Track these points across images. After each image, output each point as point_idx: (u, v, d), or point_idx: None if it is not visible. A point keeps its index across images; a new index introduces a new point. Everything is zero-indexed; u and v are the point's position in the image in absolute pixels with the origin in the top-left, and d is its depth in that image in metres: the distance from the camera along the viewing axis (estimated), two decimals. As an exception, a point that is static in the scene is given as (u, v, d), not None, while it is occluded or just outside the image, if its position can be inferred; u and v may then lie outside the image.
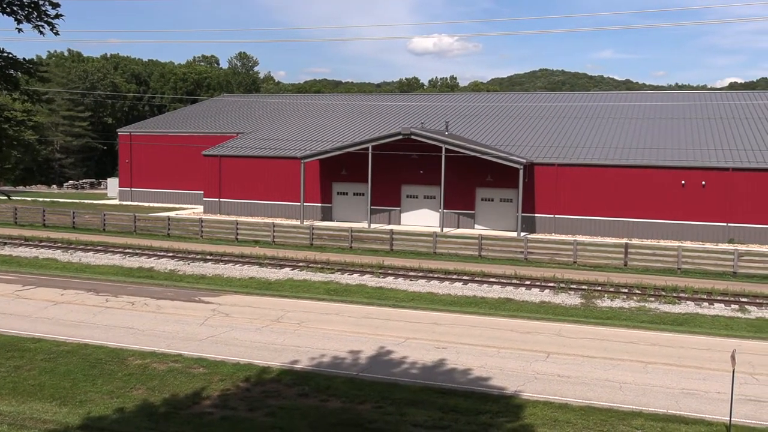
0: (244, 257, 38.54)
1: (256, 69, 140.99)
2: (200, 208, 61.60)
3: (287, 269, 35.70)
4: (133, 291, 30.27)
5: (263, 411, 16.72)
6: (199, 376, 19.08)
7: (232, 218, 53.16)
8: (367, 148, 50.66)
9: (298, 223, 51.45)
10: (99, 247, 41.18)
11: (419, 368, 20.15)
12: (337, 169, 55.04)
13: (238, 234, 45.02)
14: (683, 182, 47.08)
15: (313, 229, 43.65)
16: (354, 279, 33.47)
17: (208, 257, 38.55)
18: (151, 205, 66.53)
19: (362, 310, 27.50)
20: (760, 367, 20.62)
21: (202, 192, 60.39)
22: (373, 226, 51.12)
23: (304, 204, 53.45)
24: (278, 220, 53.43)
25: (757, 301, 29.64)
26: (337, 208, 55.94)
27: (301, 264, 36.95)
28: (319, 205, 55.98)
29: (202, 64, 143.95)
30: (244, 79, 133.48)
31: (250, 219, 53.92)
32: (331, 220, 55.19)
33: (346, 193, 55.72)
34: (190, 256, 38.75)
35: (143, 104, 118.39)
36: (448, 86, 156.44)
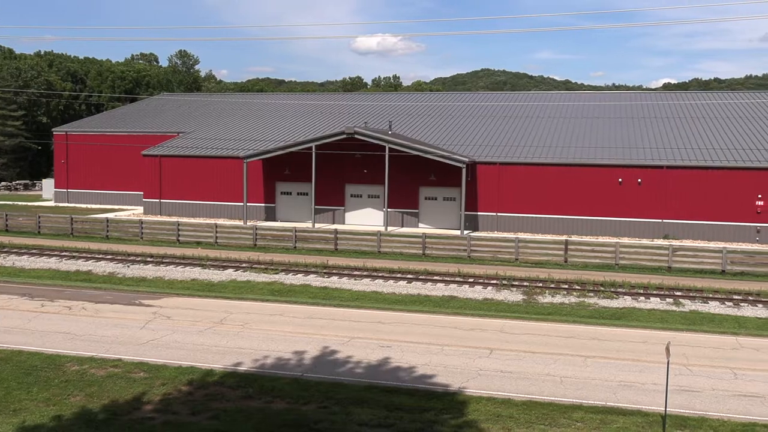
0: (186, 259, 37.94)
1: (197, 67, 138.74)
2: (140, 210, 60.36)
3: (230, 270, 35.30)
4: (70, 295, 29.48)
5: (206, 414, 16.50)
6: (139, 381, 18.71)
7: (174, 219, 52.27)
8: (310, 148, 50.46)
9: (241, 223, 50.90)
10: (34, 251, 39.97)
11: (364, 367, 20.18)
12: (281, 169, 54.65)
13: (179, 235, 44.28)
14: (620, 180, 48.30)
15: (256, 229, 43.25)
16: (298, 279, 33.30)
17: (149, 259, 37.82)
18: (89, 206, 64.88)
19: (307, 310, 27.39)
20: (694, 358, 21.31)
21: (142, 193, 59.18)
22: (317, 225, 50.95)
23: (248, 204, 52.90)
24: (221, 221, 52.78)
25: (691, 294, 30.62)
26: (280, 208, 55.55)
27: (244, 265, 36.58)
28: (263, 205, 55.49)
29: (141, 62, 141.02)
30: (184, 77, 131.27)
31: (192, 220, 53.11)
32: (275, 221, 54.78)
33: (290, 193, 55.38)
34: (129, 259, 37.96)
35: (80, 103, 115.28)
36: (391, 86, 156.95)
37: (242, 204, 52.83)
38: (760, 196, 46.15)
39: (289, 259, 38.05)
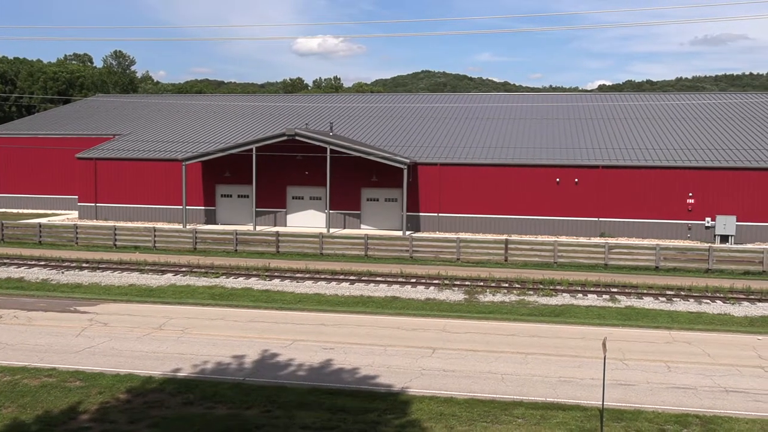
0: (123, 264, 37.08)
1: (133, 68, 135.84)
2: (75, 214, 58.72)
3: (169, 275, 34.65)
4: (1, 303, 28.47)
5: (146, 422, 16.15)
6: (75, 390, 18.19)
7: (110, 223, 51.03)
8: (251, 150, 49.94)
9: (180, 227, 50.02)
10: (-38, 258, 38.47)
11: (307, 370, 20.07)
12: (221, 171, 53.94)
13: (116, 240, 43.25)
14: (558, 180, 49.27)
15: (196, 232, 42.58)
16: (239, 282, 32.92)
17: (84, 265, 36.82)
18: (21, 211, 62.83)
19: (248, 313, 27.09)
20: (630, 353, 21.88)
21: (77, 197, 57.58)
22: (258, 228, 50.46)
23: (187, 207, 52.03)
24: (159, 225, 51.78)
25: (626, 290, 31.45)
26: (221, 211, 54.81)
27: (184, 269, 35.97)
28: (203, 208, 54.67)
29: (74, 62, 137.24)
30: (120, 78, 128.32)
31: (129, 224, 51.93)
32: (215, 224, 54.03)
33: (230, 196, 54.70)
34: (64, 265, 36.89)
35: (10, 105, 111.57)
36: (332, 87, 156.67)
37: (181, 207, 51.92)
38: (691, 194, 47.72)
39: (230, 262, 37.58)
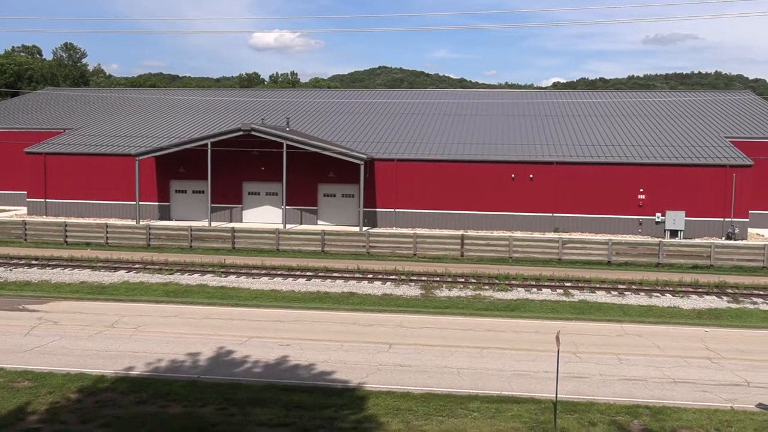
0: (74, 261, 36.33)
1: (84, 61, 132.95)
2: (24, 210, 57.28)
3: (122, 272, 34.08)
4: (-54, 302, 27.65)
5: (97, 422, 15.86)
6: (24, 391, 17.76)
7: (61, 220, 49.93)
8: (206, 145, 49.34)
9: (133, 223, 49.18)
10: None
11: (262, 367, 19.94)
12: (175, 167, 53.17)
13: (67, 236, 42.34)
14: (513, 176, 49.80)
15: (150, 229, 41.92)
16: (194, 279, 32.54)
17: (34, 262, 35.98)
18: (-33, 207, 61.02)
19: (203, 310, 26.80)
20: (583, 345, 22.26)
21: (26, 192, 56.16)
22: (214, 224, 49.90)
23: (140, 203, 51.16)
24: (112, 221, 50.84)
25: (579, 285, 31.98)
26: (175, 207, 54.05)
27: (137, 266, 35.41)
28: (156, 204, 53.81)
29: (22, 54, 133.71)
30: (71, 71, 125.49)
31: (80, 220, 50.86)
32: (170, 219, 53.26)
33: (185, 191, 53.98)
34: (12, 262, 35.98)
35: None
36: (289, 82, 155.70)
37: (135, 203, 51.03)
38: (642, 190, 48.69)
39: (184, 258, 37.12)
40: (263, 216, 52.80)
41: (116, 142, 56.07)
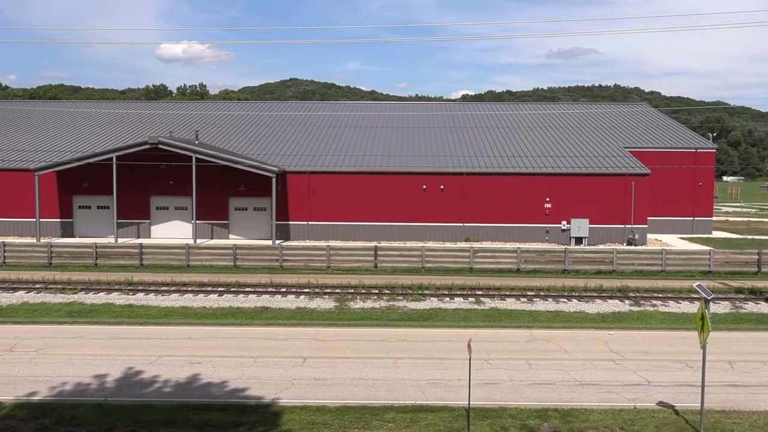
0: (-32, 282, 34.41)
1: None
2: None
3: (21, 292, 32.51)
4: None
5: (-5, 452, 15.04)
6: None
7: (-47, 239, 47.25)
8: (111, 158, 47.79)
9: (33, 240, 47.06)
10: None
11: (173, 386, 19.41)
12: (78, 182, 51.28)
13: (-40, 256, 40.09)
14: (425, 187, 50.51)
15: (51, 246, 40.20)
16: (100, 298, 31.39)
17: (-77, 285, 33.87)
18: None
19: (110, 330, 25.86)
20: (494, 352, 22.73)
21: None
22: (120, 240, 48.35)
23: (41, 220, 48.98)
24: (10, 239, 48.50)
25: (490, 293, 32.69)
26: (79, 223, 52.07)
27: (38, 285, 33.86)
28: (59, 220, 51.71)
29: None
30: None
31: (-25, 239, 48.26)
32: (73, 236, 51.26)
33: (89, 207, 52.10)
34: None
35: None
36: (197, 94, 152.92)
37: (35, 220, 48.84)
38: (548, 199, 50.29)
39: (89, 277, 35.78)
40: (173, 231, 51.54)
41: (14, 156, 53.61)
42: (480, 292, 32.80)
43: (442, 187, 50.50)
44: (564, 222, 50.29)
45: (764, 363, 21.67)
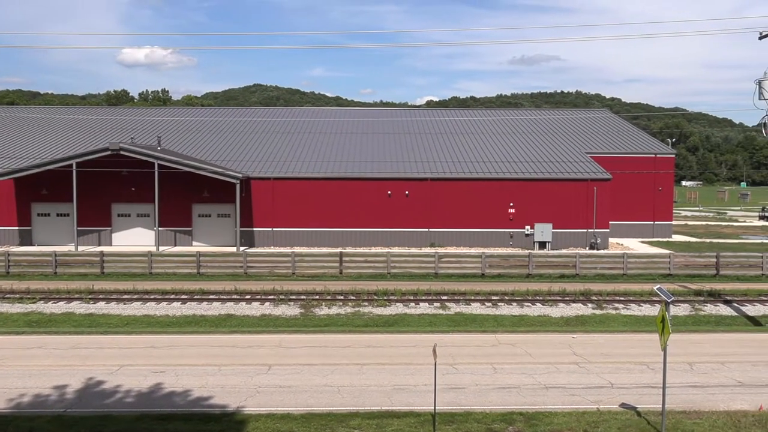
0: None
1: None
2: None
3: (-22, 302, 31.74)
4: None
5: (-51, 466, 14.62)
6: None
7: None
8: (71, 165, 46.99)
9: (-9, 249, 46.02)
10: None
11: (135, 396, 19.09)
12: (37, 189, 50.29)
13: None
14: (389, 192, 50.57)
15: (9, 255, 39.33)
16: (60, 307, 30.80)
17: None
18: None
19: (70, 340, 25.35)
20: (459, 357, 22.79)
21: None
22: (81, 248, 47.52)
23: (-2, 228, 47.97)
24: (-34, 248, 47.38)
25: (455, 297, 32.83)
26: (38, 231, 51.05)
27: (-5, 295, 33.10)
28: (16, 228, 50.65)
29: None
30: None
31: (-71, 248, 47.03)
32: (32, 245, 50.23)
33: (49, 214, 51.13)
34: None
35: None
36: (160, 100, 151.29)
37: (-8, 228, 47.80)
38: (512, 204, 50.73)
39: (48, 286, 35.07)
40: (135, 238, 50.83)
41: (-30, 163, 52.39)
42: (445, 297, 32.91)
43: (407, 192, 50.62)
44: (528, 227, 50.76)
45: (723, 364, 22.08)
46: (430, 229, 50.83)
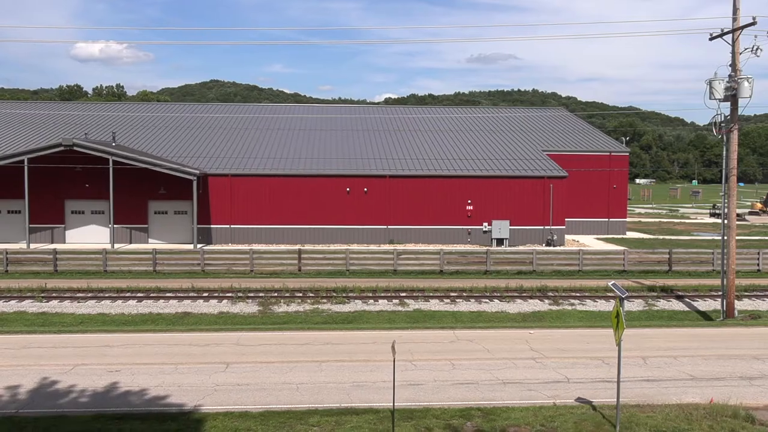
0: None
1: None
2: None
3: (-75, 302, 30.84)
4: None
5: None
6: None
7: None
8: (22, 161, 45.91)
9: (-62, 247, 44.73)
10: None
11: (90, 396, 18.77)
12: (-13, 185, 49.01)
13: None
14: (348, 189, 50.55)
15: (-43, 253, 38.30)
16: (11, 306, 30.09)
17: None
18: None
19: (22, 340, 24.80)
20: (418, 353, 22.92)
21: None
22: (33, 246, 46.48)
23: (-54, 225, 46.65)
24: None
25: (414, 294, 32.98)
26: (-12, 229, 49.75)
27: (-57, 294, 32.20)
28: (-35, 225, 49.29)
29: None
30: None
31: None
32: (-19, 242, 48.96)
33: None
34: None
35: None
36: (114, 95, 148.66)
37: (-61, 225, 46.47)
38: (470, 201, 51.14)
39: (-1, 284, 34.26)
40: (89, 236, 49.91)
41: None
42: (404, 294, 33.04)
43: (365, 189, 50.65)
44: (485, 223, 51.23)
45: (675, 358, 22.61)
46: (389, 226, 50.95)
